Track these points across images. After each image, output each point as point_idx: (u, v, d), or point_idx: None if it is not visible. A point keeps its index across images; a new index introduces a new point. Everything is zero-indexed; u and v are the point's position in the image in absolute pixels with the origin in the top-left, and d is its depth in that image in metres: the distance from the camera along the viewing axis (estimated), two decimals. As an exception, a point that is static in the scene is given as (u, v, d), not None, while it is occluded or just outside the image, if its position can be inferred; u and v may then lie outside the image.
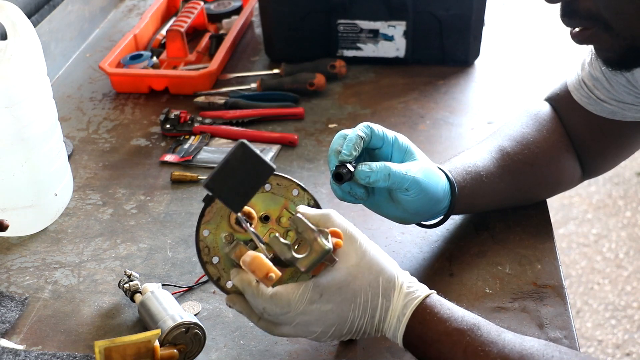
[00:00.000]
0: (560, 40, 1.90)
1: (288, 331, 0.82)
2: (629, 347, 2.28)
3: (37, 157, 1.08)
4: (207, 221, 0.84)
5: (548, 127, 1.08)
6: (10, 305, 0.98)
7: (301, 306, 0.79)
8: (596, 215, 2.73)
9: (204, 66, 1.46)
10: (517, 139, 1.06)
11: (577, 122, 1.08)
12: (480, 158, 1.03)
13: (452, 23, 1.44)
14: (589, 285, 2.49)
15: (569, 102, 1.08)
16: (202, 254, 0.85)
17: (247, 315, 0.84)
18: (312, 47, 1.49)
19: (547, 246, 1.04)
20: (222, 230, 0.85)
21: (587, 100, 1.06)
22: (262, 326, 0.83)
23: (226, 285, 0.85)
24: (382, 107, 1.38)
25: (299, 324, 0.80)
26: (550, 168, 1.07)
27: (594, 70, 1.04)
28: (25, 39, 1.03)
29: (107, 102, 1.43)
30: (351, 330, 0.81)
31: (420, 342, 0.80)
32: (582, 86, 1.06)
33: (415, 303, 0.80)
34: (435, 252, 1.04)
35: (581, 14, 0.80)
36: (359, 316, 0.80)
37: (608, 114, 1.05)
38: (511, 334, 0.80)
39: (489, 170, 1.02)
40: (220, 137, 1.31)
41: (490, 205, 1.06)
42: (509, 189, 1.04)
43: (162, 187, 1.20)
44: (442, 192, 0.95)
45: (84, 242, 1.09)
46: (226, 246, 0.84)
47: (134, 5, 1.82)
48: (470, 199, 1.00)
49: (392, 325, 0.81)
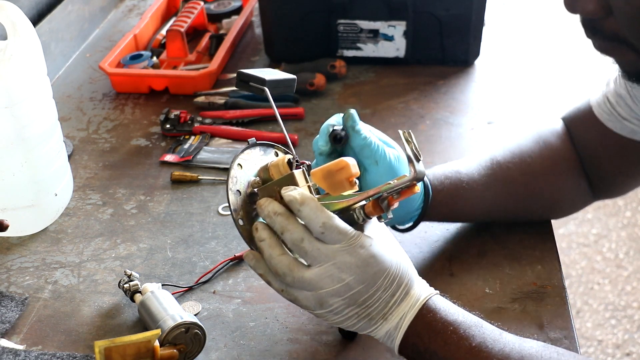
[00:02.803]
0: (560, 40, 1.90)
1: (308, 283, 0.78)
2: (629, 347, 2.28)
3: (37, 157, 1.08)
4: (243, 159, 0.84)
5: (548, 142, 1.06)
6: (10, 305, 0.98)
7: (354, 242, 0.76)
8: (596, 215, 2.73)
9: (204, 66, 1.46)
10: (511, 149, 1.05)
11: (593, 139, 1.05)
12: (465, 166, 1.02)
13: (452, 23, 1.44)
14: (589, 285, 2.49)
15: (588, 118, 1.05)
16: (229, 182, 0.83)
17: (264, 270, 0.81)
18: (312, 47, 1.49)
19: (547, 246, 1.04)
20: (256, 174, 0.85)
21: (608, 117, 1.03)
22: (284, 267, 0.79)
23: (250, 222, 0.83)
24: (382, 107, 1.38)
25: (324, 276, 0.77)
26: (545, 180, 1.05)
27: (618, 87, 1.01)
28: (25, 39, 1.03)
29: (107, 102, 1.43)
30: (361, 306, 0.78)
31: (425, 333, 0.79)
32: (605, 102, 1.03)
33: (419, 304, 0.79)
34: (435, 252, 1.04)
35: (605, 33, 0.77)
36: (381, 290, 0.78)
37: (628, 132, 1.02)
38: (511, 336, 0.80)
39: (472, 177, 1.01)
40: (220, 137, 1.31)
41: (476, 214, 1.04)
42: (499, 198, 1.03)
43: (162, 187, 1.20)
44: None
45: (84, 242, 1.09)
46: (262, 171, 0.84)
47: (134, 5, 1.82)
48: (448, 205, 0.99)
49: (393, 320, 0.79)
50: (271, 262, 0.80)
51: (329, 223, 0.77)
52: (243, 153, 0.85)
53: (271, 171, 0.83)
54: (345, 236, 0.77)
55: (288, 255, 0.79)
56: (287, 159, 0.82)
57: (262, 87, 0.86)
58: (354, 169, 0.79)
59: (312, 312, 0.80)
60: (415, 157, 0.76)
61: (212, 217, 1.13)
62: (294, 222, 0.79)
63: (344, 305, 0.78)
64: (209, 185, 1.20)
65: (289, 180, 0.81)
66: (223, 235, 1.09)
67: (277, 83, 0.88)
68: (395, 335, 0.80)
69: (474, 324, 0.80)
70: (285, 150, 0.88)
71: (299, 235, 0.78)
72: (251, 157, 0.85)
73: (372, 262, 0.77)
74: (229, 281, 1.01)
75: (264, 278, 0.82)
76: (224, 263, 1.03)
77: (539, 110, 1.36)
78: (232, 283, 1.01)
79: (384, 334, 0.80)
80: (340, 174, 0.78)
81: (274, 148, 0.87)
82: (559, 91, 1.41)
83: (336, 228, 0.77)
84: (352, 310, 0.79)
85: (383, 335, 0.80)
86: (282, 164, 0.82)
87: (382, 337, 0.81)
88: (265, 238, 0.80)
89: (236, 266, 1.04)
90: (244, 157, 0.84)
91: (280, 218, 0.79)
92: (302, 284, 0.78)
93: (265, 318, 0.95)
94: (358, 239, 0.77)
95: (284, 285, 0.80)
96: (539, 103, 1.38)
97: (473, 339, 0.78)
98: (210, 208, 1.15)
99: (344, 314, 0.79)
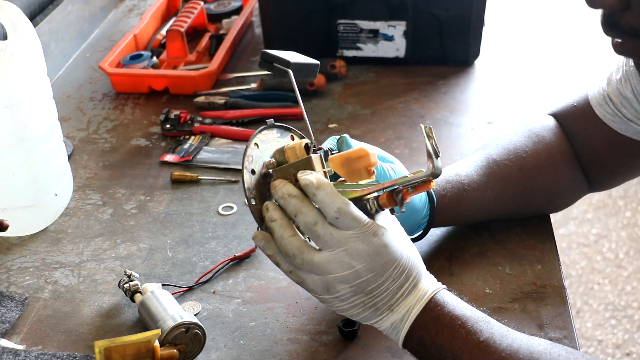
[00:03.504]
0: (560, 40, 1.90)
1: (317, 267, 0.78)
2: (629, 347, 2.28)
3: (37, 157, 1.08)
4: (261, 140, 0.84)
5: (541, 137, 1.06)
6: (10, 305, 0.98)
7: (367, 230, 0.77)
8: (596, 215, 2.73)
9: (204, 66, 1.46)
10: (505, 147, 1.05)
11: (594, 137, 1.05)
12: (463, 168, 1.02)
13: (452, 23, 1.44)
14: (589, 285, 2.49)
15: (587, 116, 1.05)
16: (245, 160, 0.82)
17: (274, 251, 0.81)
18: (312, 47, 1.48)
19: (547, 246, 1.04)
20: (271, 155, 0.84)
21: (612, 118, 1.02)
22: (295, 248, 0.79)
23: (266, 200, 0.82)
24: (382, 107, 1.38)
25: (334, 262, 0.77)
26: (542, 174, 1.05)
27: (623, 88, 1.01)
28: (25, 39, 1.03)
29: (107, 102, 1.43)
30: (368, 295, 0.78)
31: (432, 326, 0.79)
32: (607, 102, 1.02)
33: (427, 297, 0.79)
34: (435, 252, 1.04)
35: (622, 28, 0.77)
36: (390, 280, 0.78)
37: (633, 134, 1.02)
38: (518, 333, 0.80)
39: (472, 179, 1.01)
40: (220, 137, 1.31)
41: (480, 215, 1.04)
42: (499, 197, 1.03)
43: (162, 187, 1.20)
44: (418, 200, 0.94)
45: (84, 242, 1.09)
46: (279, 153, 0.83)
47: (134, 5, 1.82)
48: (453, 209, 0.99)
49: (400, 312, 0.79)
50: (282, 243, 0.80)
51: (344, 209, 0.77)
52: (260, 133, 0.84)
53: (287, 154, 0.82)
54: (359, 223, 0.77)
55: (299, 236, 0.79)
56: (305, 143, 0.82)
57: (286, 69, 0.85)
58: (373, 158, 0.79)
59: (318, 296, 0.80)
60: (434, 153, 0.76)
61: (212, 217, 1.13)
62: (308, 205, 0.79)
63: (351, 293, 0.78)
64: (209, 185, 1.20)
65: (306, 164, 0.80)
66: (223, 235, 1.09)
67: (301, 67, 0.87)
68: (400, 328, 0.80)
69: (482, 319, 0.80)
70: (301, 135, 0.87)
71: (313, 218, 0.78)
72: (268, 139, 0.84)
73: (384, 251, 0.77)
74: (229, 281, 1.01)
75: (272, 259, 0.82)
76: (224, 263, 1.03)
77: (538, 110, 1.35)
78: (232, 283, 1.01)
79: (389, 325, 0.80)
80: (359, 162, 0.78)
81: (291, 132, 0.86)
82: (559, 91, 1.41)
83: (351, 214, 0.77)
84: (359, 299, 0.79)
85: (388, 327, 0.80)
86: (299, 147, 0.82)
87: (387, 329, 0.81)
88: (277, 218, 0.80)
89: (236, 266, 1.04)
90: (261, 138, 0.84)
91: (294, 200, 0.79)
92: (311, 267, 0.78)
93: (265, 318, 0.95)
94: (372, 227, 0.77)
95: (292, 267, 0.80)
96: (539, 103, 1.38)
97: (481, 334, 0.78)
98: (210, 208, 1.15)
99: (350, 302, 0.79)
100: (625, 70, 1.00)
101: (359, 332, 0.92)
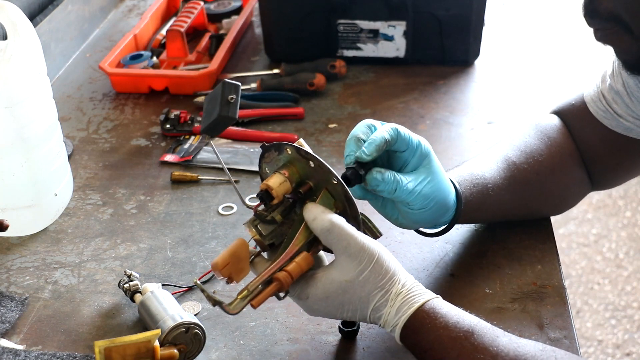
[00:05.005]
0: (560, 40, 1.90)
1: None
2: (629, 347, 2.28)
3: (37, 157, 1.08)
4: None
5: (553, 139, 1.05)
6: (10, 305, 0.98)
7: (293, 298, 0.85)
8: (596, 215, 2.73)
9: (204, 66, 1.46)
10: (522, 149, 1.04)
11: (590, 135, 1.05)
12: (488, 169, 1.01)
13: (452, 23, 1.44)
14: (589, 285, 2.49)
15: (583, 114, 1.05)
16: None
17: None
18: (312, 47, 1.49)
19: (547, 246, 1.04)
20: None
21: (604, 114, 1.02)
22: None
23: None
24: (382, 107, 1.38)
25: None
26: (555, 179, 1.04)
27: (615, 83, 1.01)
28: (25, 39, 1.03)
29: (107, 102, 1.43)
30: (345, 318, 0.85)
31: (414, 349, 0.81)
32: (600, 99, 1.03)
33: (405, 317, 0.80)
34: (435, 252, 1.04)
35: (602, 15, 0.79)
36: (348, 317, 0.84)
37: (623, 130, 1.02)
38: (507, 339, 0.79)
39: (496, 183, 1.00)
40: (221, 137, 1.31)
41: (494, 217, 1.04)
42: (515, 200, 1.02)
43: (162, 187, 1.20)
44: (447, 206, 0.93)
45: (84, 242, 1.09)
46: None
47: (134, 5, 1.82)
48: (474, 212, 0.99)
49: (388, 326, 0.82)
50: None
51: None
52: (263, 158, 0.87)
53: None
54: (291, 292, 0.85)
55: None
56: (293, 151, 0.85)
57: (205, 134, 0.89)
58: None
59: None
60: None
61: (212, 217, 1.13)
62: None
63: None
64: (209, 185, 1.20)
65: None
66: (223, 235, 1.09)
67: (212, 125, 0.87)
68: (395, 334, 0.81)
69: (466, 330, 0.80)
70: (296, 148, 0.85)
71: None
72: (271, 160, 0.87)
73: (316, 308, 0.85)
74: (229, 281, 1.01)
75: None
76: (224, 263, 1.03)
77: (538, 110, 1.35)
78: (232, 283, 1.01)
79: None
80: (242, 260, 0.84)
81: (286, 146, 0.85)
82: (558, 91, 1.41)
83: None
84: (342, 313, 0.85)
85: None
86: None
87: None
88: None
89: (236, 266, 1.03)
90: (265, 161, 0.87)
91: None
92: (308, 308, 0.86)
93: (265, 318, 0.95)
94: (293, 296, 0.85)
95: None
96: (539, 103, 1.38)
97: (468, 340, 0.78)
98: (210, 208, 1.15)
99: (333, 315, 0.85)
100: (616, 63, 1.00)
101: (359, 333, 0.92)
